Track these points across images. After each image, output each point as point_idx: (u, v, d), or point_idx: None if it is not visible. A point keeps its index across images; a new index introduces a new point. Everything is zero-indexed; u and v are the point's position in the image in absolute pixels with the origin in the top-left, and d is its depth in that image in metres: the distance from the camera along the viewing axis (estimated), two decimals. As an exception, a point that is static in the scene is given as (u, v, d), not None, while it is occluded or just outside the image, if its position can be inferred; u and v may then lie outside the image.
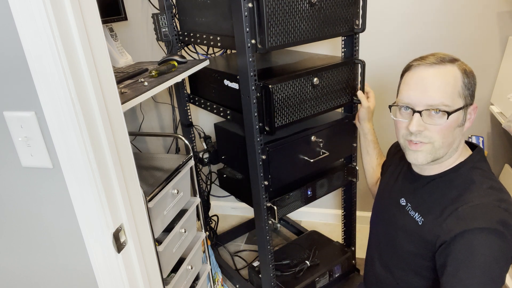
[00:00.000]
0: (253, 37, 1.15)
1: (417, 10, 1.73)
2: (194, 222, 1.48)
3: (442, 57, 0.93)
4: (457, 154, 0.97)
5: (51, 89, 0.61)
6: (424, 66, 0.93)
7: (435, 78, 0.91)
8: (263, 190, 1.35)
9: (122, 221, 0.75)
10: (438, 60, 0.92)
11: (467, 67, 0.93)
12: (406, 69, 0.98)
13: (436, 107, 0.90)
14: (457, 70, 0.91)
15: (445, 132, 0.91)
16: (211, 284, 1.69)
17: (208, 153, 1.73)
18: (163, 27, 1.55)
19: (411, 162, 0.99)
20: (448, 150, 0.94)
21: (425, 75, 0.92)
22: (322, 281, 1.65)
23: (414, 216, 1.00)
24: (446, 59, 0.92)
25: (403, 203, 1.05)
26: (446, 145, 0.93)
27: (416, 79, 0.93)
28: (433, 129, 0.91)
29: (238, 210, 2.44)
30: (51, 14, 0.57)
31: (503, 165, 1.87)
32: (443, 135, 0.91)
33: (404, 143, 0.98)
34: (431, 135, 0.92)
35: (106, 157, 0.70)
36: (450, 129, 0.91)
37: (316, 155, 1.43)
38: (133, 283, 0.80)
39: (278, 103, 1.25)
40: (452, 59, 0.93)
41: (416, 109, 0.92)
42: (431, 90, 0.91)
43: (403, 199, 1.06)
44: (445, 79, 0.90)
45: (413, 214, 1.00)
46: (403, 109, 0.96)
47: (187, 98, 1.72)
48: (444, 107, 0.89)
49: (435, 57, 0.92)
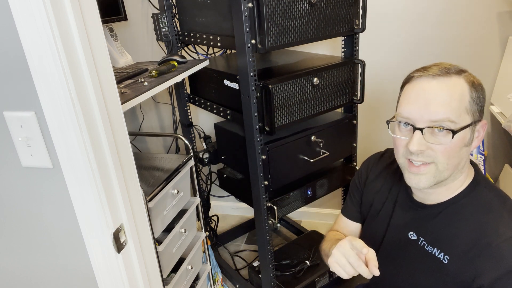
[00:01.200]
0: (253, 37, 1.15)
1: (417, 10, 1.73)
2: (194, 222, 1.48)
3: (447, 67, 0.81)
4: (464, 176, 0.86)
5: (51, 89, 0.61)
6: (426, 78, 0.81)
7: (438, 91, 0.79)
8: (263, 190, 1.35)
9: (122, 221, 0.75)
10: (443, 71, 0.80)
11: (475, 79, 0.82)
12: (407, 81, 0.86)
13: (440, 124, 0.78)
14: (464, 82, 0.80)
15: (450, 152, 0.79)
16: (211, 284, 1.69)
17: (208, 153, 1.73)
18: (163, 27, 1.55)
19: (411, 186, 0.86)
20: (452, 172, 0.83)
21: (428, 87, 0.80)
22: (322, 281, 1.65)
23: (433, 253, 0.86)
24: (452, 70, 0.81)
25: (413, 237, 0.91)
26: (451, 167, 0.81)
27: (417, 92, 0.81)
28: (436, 149, 0.80)
29: (238, 210, 2.44)
30: (51, 14, 0.57)
31: (503, 165, 1.87)
32: (448, 156, 0.80)
33: (404, 163, 0.85)
34: (434, 156, 0.80)
35: (106, 157, 0.70)
36: (455, 150, 0.80)
37: (316, 155, 1.43)
38: (133, 283, 0.80)
39: (278, 103, 1.25)
40: (458, 70, 0.81)
41: (417, 126, 0.80)
42: (434, 104, 0.78)
43: (413, 233, 0.92)
44: (450, 92, 0.78)
45: (432, 250, 0.87)
46: (402, 125, 0.84)
47: (187, 98, 1.72)
48: (449, 123, 0.78)
49: (438, 68, 0.81)
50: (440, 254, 0.85)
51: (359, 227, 1.12)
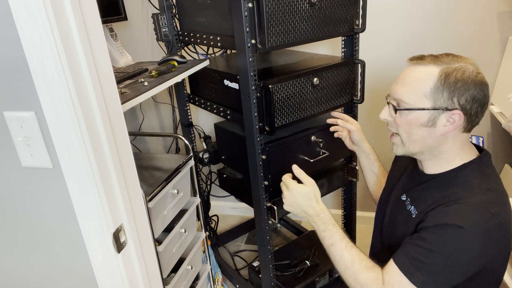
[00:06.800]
0: (253, 37, 1.15)
1: (418, 10, 1.73)
2: (194, 222, 1.48)
3: (434, 57, 0.92)
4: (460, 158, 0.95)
5: (51, 89, 0.61)
6: (412, 64, 0.95)
7: (407, 74, 0.94)
8: (263, 190, 1.35)
9: (122, 221, 0.75)
10: (429, 59, 0.92)
11: (457, 74, 0.88)
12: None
13: (395, 101, 0.96)
14: (437, 72, 0.89)
15: (404, 127, 0.95)
16: (211, 284, 1.69)
17: (208, 153, 1.72)
18: (163, 27, 1.55)
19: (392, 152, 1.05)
20: (423, 150, 0.97)
21: (406, 71, 0.96)
22: (322, 281, 1.65)
23: (410, 209, 1.01)
24: (435, 60, 0.91)
25: (403, 198, 1.06)
26: (413, 142, 0.96)
27: (400, 74, 0.98)
28: (396, 122, 0.97)
29: (238, 210, 2.44)
30: (51, 14, 0.57)
31: (503, 165, 1.87)
32: (404, 130, 0.96)
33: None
34: (396, 128, 0.98)
35: (106, 157, 0.70)
36: (409, 125, 0.94)
37: (316, 155, 1.43)
38: (133, 283, 0.80)
39: (278, 103, 1.25)
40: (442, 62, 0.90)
41: (388, 100, 1.00)
42: (399, 84, 0.95)
43: (404, 195, 1.06)
44: (415, 76, 0.92)
45: (410, 207, 1.01)
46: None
47: (187, 98, 1.72)
48: (402, 103, 0.94)
49: (431, 57, 0.93)
50: (413, 210, 0.99)
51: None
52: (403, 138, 0.97)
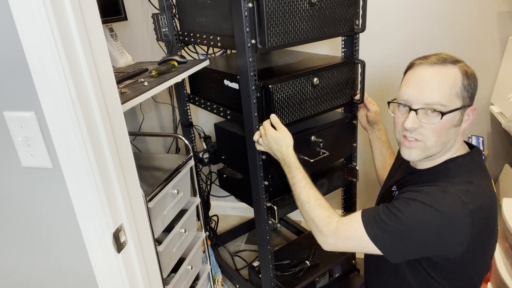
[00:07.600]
0: (253, 37, 1.15)
1: (417, 10, 1.73)
2: (194, 222, 1.48)
3: (444, 57, 0.94)
4: (451, 153, 0.99)
5: (51, 89, 0.61)
6: (425, 65, 0.94)
7: (434, 78, 0.92)
8: (263, 190, 1.35)
9: (122, 221, 0.75)
10: (440, 60, 0.93)
11: (469, 69, 0.94)
12: (409, 67, 1.00)
13: (432, 107, 0.92)
14: (458, 71, 0.92)
15: (439, 131, 0.93)
16: (211, 284, 1.69)
17: (208, 153, 1.72)
18: (163, 27, 1.55)
19: (404, 157, 1.02)
20: (441, 149, 0.97)
21: (425, 74, 0.94)
22: (322, 281, 1.65)
23: (394, 194, 1.07)
24: (448, 60, 0.93)
25: (393, 189, 1.11)
26: (439, 144, 0.95)
27: (416, 77, 0.95)
28: (427, 128, 0.94)
29: (238, 210, 2.44)
30: (51, 14, 0.57)
31: (503, 165, 1.87)
32: (437, 134, 0.93)
33: (400, 139, 1.01)
34: (425, 133, 0.94)
35: (106, 157, 0.70)
36: (444, 129, 0.93)
37: (316, 155, 1.43)
38: (133, 283, 0.80)
39: (278, 103, 1.25)
40: (454, 61, 0.94)
41: (412, 107, 0.94)
42: (429, 89, 0.92)
43: (395, 186, 1.11)
44: (444, 79, 0.92)
45: (395, 193, 1.08)
46: (401, 107, 0.99)
47: (187, 98, 1.72)
48: (440, 106, 0.91)
49: (437, 57, 0.94)
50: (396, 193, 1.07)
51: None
52: (429, 143, 0.95)
